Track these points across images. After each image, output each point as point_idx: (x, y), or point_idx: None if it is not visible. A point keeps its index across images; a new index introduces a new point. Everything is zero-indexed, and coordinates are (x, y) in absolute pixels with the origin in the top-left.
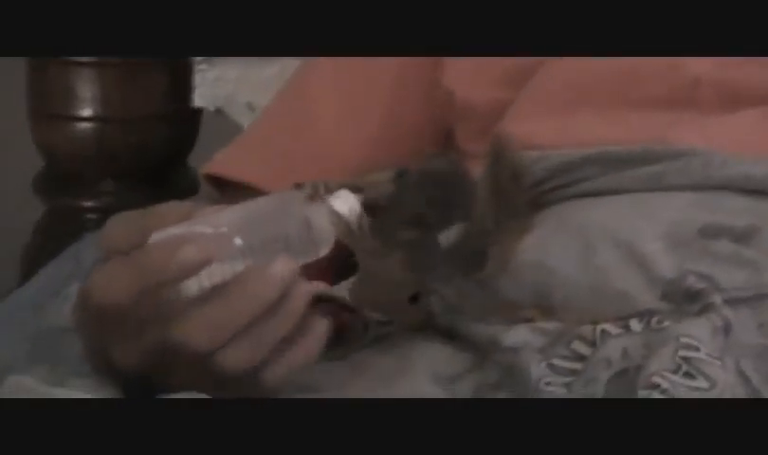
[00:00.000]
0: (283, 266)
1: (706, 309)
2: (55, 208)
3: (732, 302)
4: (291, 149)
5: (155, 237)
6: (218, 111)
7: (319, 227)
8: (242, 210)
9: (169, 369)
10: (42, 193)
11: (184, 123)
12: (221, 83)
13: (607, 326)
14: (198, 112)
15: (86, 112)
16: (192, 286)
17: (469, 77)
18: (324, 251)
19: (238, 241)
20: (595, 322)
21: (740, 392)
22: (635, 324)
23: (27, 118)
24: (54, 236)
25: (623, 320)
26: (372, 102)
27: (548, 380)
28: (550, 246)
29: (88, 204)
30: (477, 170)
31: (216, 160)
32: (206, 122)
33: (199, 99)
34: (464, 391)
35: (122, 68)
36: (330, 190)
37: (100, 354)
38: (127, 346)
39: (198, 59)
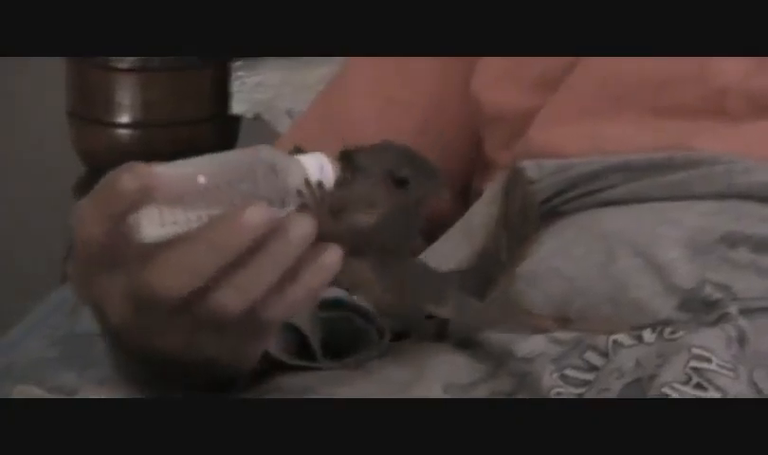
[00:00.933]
0: (254, 213)
1: (722, 319)
2: None
3: (750, 312)
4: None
5: None
6: (257, 117)
7: (285, 175)
8: (210, 156)
9: (154, 323)
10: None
11: (224, 129)
12: (260, 90)
13: (620, 337)
14: (238, 118)
15: (126, 118)
16: (151, 229)
17: (498, 83)
18: (295, 203)
19: (201, 179)
20: (610, 332)
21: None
22: (648, 335)
23: (66, 123)
24: None
25: (636, 331)
26: (411, 102)
27: (559, 390)
28: (570, 255)
29: None
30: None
31: None
32: (246, 129)
33: (237, 105)
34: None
35: (162, 75)
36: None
37: (100, 320)
38: (112, 295)
39: (237, 65)
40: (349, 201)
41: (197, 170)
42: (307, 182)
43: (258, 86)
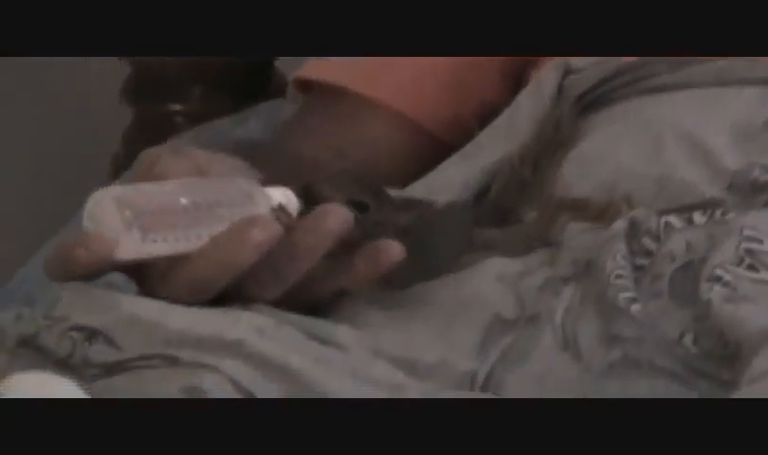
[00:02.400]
0: (262, 232)
1: None
2: (143, 113)
3: None
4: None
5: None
6: None
7: (258, 203)
8: (189, 179)
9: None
10: (130, 100)
11: None
12: None
13: (671, 218)
14: None
15: None
16: (130, 247)
17: None
18: None
19: (183, 200)
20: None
21: None
22: (699, 217)
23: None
24: (143, 142)
25: (687, 213)
26: None
27: (619, 272)
28: (617, 140)
29: (176, 108)
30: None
31: (307, 66)
32: None
33: None
34: (531, 286)
35: None
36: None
37: None
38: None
39: None
40: None
41: (179, 191)
42: (280, 206)
43: None
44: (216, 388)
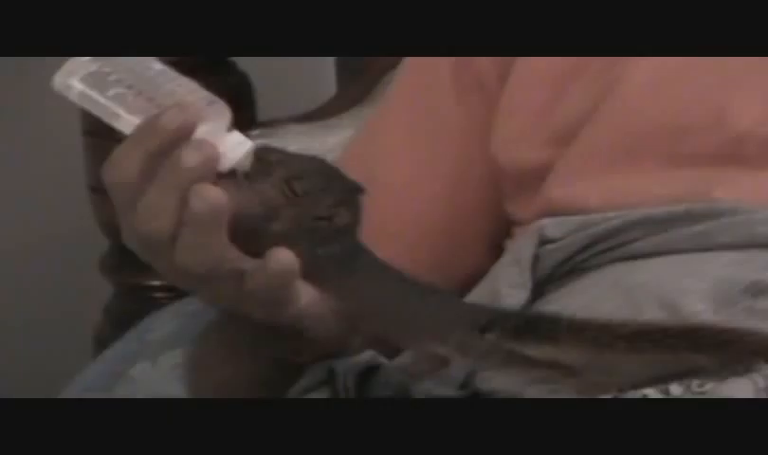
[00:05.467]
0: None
1: (750, 369)
2: (123, 287)
3: None
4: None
5: None
6: None
7: (216, 116)
8: None
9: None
10: (109, 273)
11: None
12: None
13: (647, 391)
14: None
15: None
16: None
17: (517, 139)
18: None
19: (157, 65)
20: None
21: None
22: (675, 388)
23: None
24: (123, 316)
25: (663, 384)
26: (438, 168)
27: None
28: (597, 310)
29: (156, 283)
30: (520, 236)
31: None
32: None
33: None
34: None
35: None
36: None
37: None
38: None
39: (254, 133)
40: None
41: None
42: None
43: None
44: None
